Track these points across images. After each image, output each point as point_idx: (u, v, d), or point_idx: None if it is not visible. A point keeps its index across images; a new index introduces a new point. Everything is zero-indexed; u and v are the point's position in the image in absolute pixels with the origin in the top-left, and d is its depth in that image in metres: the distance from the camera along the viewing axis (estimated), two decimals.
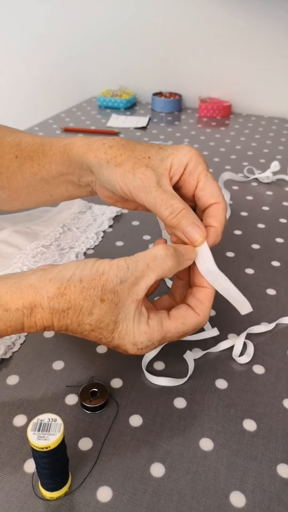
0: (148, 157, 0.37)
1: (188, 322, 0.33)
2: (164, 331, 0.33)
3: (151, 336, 0.32)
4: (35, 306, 0.31)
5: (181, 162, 0.37)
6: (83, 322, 0.31)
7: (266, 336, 0.43)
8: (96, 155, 0.39)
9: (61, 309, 0.31)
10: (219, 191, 0.37)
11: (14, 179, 0.47)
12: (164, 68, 1.21)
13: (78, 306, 0.31)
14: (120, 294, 0.31)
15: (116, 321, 0.31)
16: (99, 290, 0.31)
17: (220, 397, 0.37)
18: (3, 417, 0.34)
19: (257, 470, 0.31)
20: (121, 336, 0.32)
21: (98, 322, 0.31)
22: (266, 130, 1.03)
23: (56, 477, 0.28)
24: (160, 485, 0.30)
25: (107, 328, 0.31)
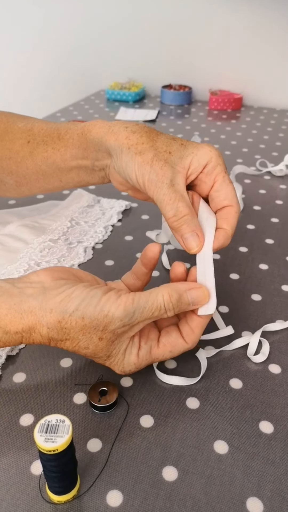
0: (169, 152, 0.36)
1: (176, 350, 0.34)
2: (152, 358, 0.34)
3: (139, 364, 0.34)
4: (34, 331, 0.31)
5: (200, 162, 0.36)
6: (79, 350, 0.32)
7: (282, 334, 0.41)
8: (117, 138, 0.38)
9: (59, 339, 0.31)
10: (234, 194, 0.37)
11: (23, 164, 0.46)
12: (173, 60, 1.19)
13: (76, 339, 0.31)
14: (119, 334, 0.32)
15: (109, 355, 0.33)
16: (99, 330, 0.31)
17: (234, 397, 0.35)
18: (9, 416, 0.33)
19: (275, 475, 0.30)
20: (112, 364, 0.33)
21: (93, 354, 0.32)
22: (279, 123, 1.00)
23: (64, 480, 0.27)
24: (172, 489, 0.29)
25: (100, 358, 0.33)
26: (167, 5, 1.12)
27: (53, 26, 1.27)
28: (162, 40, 1.17)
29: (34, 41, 1.32)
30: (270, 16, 1.04)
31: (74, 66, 1.31)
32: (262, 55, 1.09)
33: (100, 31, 1.22)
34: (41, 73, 1.36)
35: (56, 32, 1.28)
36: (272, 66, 1.10)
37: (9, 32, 1.34)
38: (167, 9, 1.12)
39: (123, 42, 1.22)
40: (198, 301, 0.33)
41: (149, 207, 0.63)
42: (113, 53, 1.24)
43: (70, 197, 0.63)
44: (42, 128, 0.45)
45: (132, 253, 0.53)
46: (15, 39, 1.34)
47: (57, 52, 1.31)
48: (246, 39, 1.09)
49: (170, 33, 1.15)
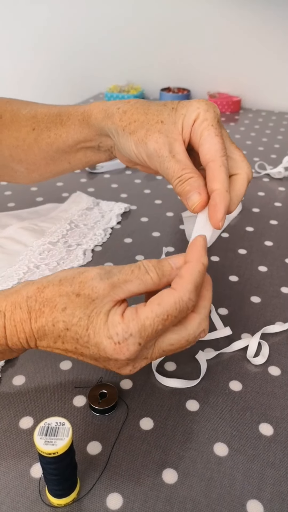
0: (161, 121, 0.35)
1: (165, 301, 0.28)
2: (142, 318, 0.27)
3: (127, 326, 0.27)
4: (15, 307, 0.30)
5: (188, 122, 0.34)
6: (57, 320, 0.28)
7: (281, 336, 0.41)
8: (113, 121, 0.38)
9: (37, 308, 0.29)
10: (219, 147, 0.33)
11: (31, 152, 0.47)
12: (172, 63, 1.19)
13: (53, 303, 0.29)
14: (98, 290, 0.29)
15: (89, 316, 0.28)
16: (76, 286, 0.29)
17: (234, 399, 0.35)
18: (9, 419, 0.33)
19: (275, 477, 0.30)
20: (96, 331, 0.28)
21: (71, 317, 0.28)
22: (277, 125, 1.01)
23: (64, 483, 0.27)
24: (172, 492, 0.29)
25: (80, 323, 0.28)
26: (166, 9, 1.12)
27: (52, 30, 1.28)
28: (160, 43, 1.18)
29: (33, 45, 1.32)
30: (268, 20, 1.05)
31: (73, 69, 1.32)
32: (261, 57, 1.10)
33: (99, 34, 1.23)
34: (41, 76, 1.37)
35: (55, 36, 1.28)
36: (270, 68, 1.11)
37: (8, 37, 1.34)
38: (166, 13, 1.13)
39: (122, 45, 1.22)
40: (180, 264, 0.30)
41: (148, 209, 0.63)
42: (112, 56, 1.25)
43: (69, 199, 0.63)
44: (45, 113, 0.46)
45: (131, 255, 0.53)
46: (15, 43, 1.35)
47: (56, 55, 1.31)
48: (245, 42, 1.09)
49: (169, 36, 1.16)
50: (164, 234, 0.57)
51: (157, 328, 0.28)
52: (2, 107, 0.48)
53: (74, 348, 0.29)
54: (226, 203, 0.32)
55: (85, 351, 0.29)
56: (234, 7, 1.06)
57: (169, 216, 0.62)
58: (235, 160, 0.35)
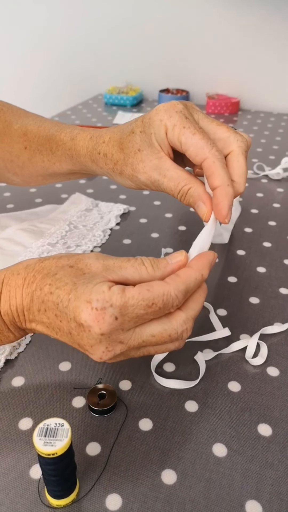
0: (138, 150, 0.35)
1: (154, 289, 0.27)
2: (126, 296, 0.27)
3: (110, 297, 0.26)
4: (13, 273, 0.31)
5: (162, 137, 0.34)
6: (45, 283, 0.29)
7: (280, 337, 0.41)
8: (100, 167, 0.40)
9: (32, 275, 0.30)
10: (202, 143, 0.32)
11: (26, 168, 0.48)
12: (171, 65, 1.19)
13: (47, 271, 0.30)
14: (91, 267, 0.29)
15: (75, 283, 0.28)
16: (72, 260, 0.30)
17: (233, 400, 0.35)
18: (8, 420, 0.33)
19: (273, 478, 0.30)
20: (77, 295, 0.27)
21: (58, 282, 0.28)
22: (275, 126, 1.01)
23: (64, 484, 0.27)
24: (171, 492, 0.29)
25: (64, 287, 0.28)
26: (166, 10, 1.12)
27: (52, 31, 1.28)
28: (159, 45, 1.18)
29: (33, 45, 1.33)
30: (267, 21, 1.05)
31: (72, 70, 1.32)
32: (259, 59, 1.10)
33: (98, 35, 1.23)
34: (40, 77, 1.37)
35: (55, 37, 1.28)
36: (269, 69, 1.11)
37: (8, 37, 1.34)
38: (165, 14, 1.13)
39: (120, 47, 1.22)
40: (176, 259, 0.30)
41: (147, 210, 0.63)
42: (111, 57, 1.25)
43: (68, 201, 0.63)
44: (34, 134, 0.46)
45: (130, 256, 0.53)
46: (14, 43, 1.35)
47: (56, 56, 1.31)
48: (244, 43, 1.10)
49: (168, 38, 1.16)
50: (163, 235, 0.57)
51: (138, 312, 0.27)
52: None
53: (54, 316, 0.28)
54: (229, 197, 0.32)
55: (63, 319, 0.28)
56: (233, 9, 1.06)
57: (168, 217, 0.62)
58: (222, 139, 0.34)
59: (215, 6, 1.07)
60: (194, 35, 1.13)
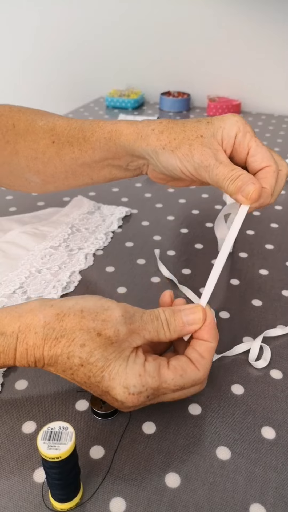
0: (200, 136, 0.38)
1: (187, 376, 0.30)
2: (161, 380, 0.29)
3: (146, 381, 0.29)
4: (30, 330, 0.30)
5: (230, 135, 0.37)
6: (73, 354, 0.29)
7: (283, 340, 0.41)
8: (148, 143, 0.40)
9: (54, 337, 0.29)
10: (269, 154, 0.37)
11: (51, 164, 0.46)
12: (172, 67, 1.20)
13: (72, 335, 0.29)
14: (119, 334, 0.30)
15: (108, 358, 0.29)
16: (99, 323, 0.29)
17: (236, 403, 0.35)
18: (11, 423, 0.33)
19: (277, 481, 0.30)
20: (111, 376, 0.29)
21: (89, 356, 0.29)
22: (277, 129, 1.01)
23: (67, 487, 0.27)
24: (175, 496, 0.29)
25: (96, 364, 0.29)
26: (166, 13, 1.13)
27: (52, 35, 1.28)
28: (160, 48, 1.18)
29: (33, 49, 1.33)
30: (268, 24, 1.05)
31: (73, 73, 1.32)
32: (260, 61, 1.10)
33: (99, 39, 1.23)
34: (41, 81, 1.37)
35: (55, 40, 1.29)
36: (270, 72, 1.11)
37: (8, 40, 1.35)
38: (166, 17, 1.13)
39: (122, 50, 1.23)
40: (193, 321, 0.32)
41: (149, 213, 0.64)
42: (112, 61, 1.25)
43: (70, 204, 0.63)
44: (64, 127, 0.45)
45: (132, 259, 0.53)
46: (14, 46, 1.35)
47: (56, 60, 1.32)
48: (244, 46, 1.10)
49: (169, 41, 1.16)
50: (165, 238, 0.58)
51: (167, 392, 0.30)
52: (15, 116, 0.48)
53: (83, 382, 0.30)
54: (266, 201, 0.37)
55: (94, 388, 0.30)
56: (234, 11, 1.06)
57: (170, 220, 0.62)
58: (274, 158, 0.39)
59: (216, 9, 1.08)
60: (195, 38, 1.13)
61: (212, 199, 0.68)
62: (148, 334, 0.31)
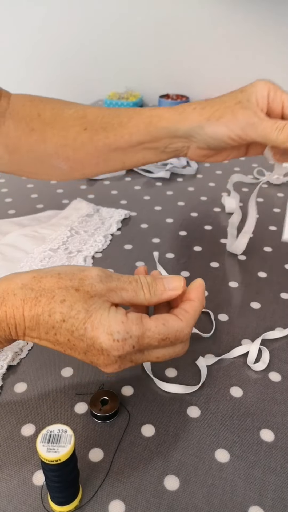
0: (239, 102, 0.42)
1: (170, 325, 0.30)
2: (144, 328, 0.29)
3: (129, 327, 0.28)
4: (8, 293, 0.30)
5: (263, 95, 0.42)
6: (54, 311, 0.29)
7: (281, 342, 0.41)
8: (192, 120, 0.43)
9: (33, 296, 0.29)
10: None
11: (82, 150, 0.47)
12: (171, 70, 1.20)
13: (51, 294, 0.29)
14: (97, 289, 0.30)
15: (88, 310, 0.29)
16: (76, 282, 0.30)
17: (235, 405, 0.35)
18: (11, 426, 0.33)
19: (276, 484, 0.30)
20: (94, 326, 0.28)
21: (69, 309, 0.29)
22: None
23: (67, 490, 0.27)
24: (174, 499, 0.29)
25: (78, 316, 0.28)
26: (165, 16, 1.13)
27: (51, 37, 1.29)
28: (159, 51, 1.19)
29: (32, 52, 1.33)
30: (266, 27, 1.06)
31: (72, 76, 1.33)
32: (259, 63, 1.11)
33: (98, 41, 1.24)
34: (40, 83, 1.37)
35: (54, 43, 1.29)
36: (269, 74, 1.11)
37: (7, 43, 1.35)
38: (164, 20, 1.14)
39: (120, 53, 1.23)
40: (174, 286, 0.32)
41: (148, 216, 0.64)
42: (111, 64, 1.26)
43: (69, 206, 0.64)
44: (97, 115, 0.47)
45: (131, 262, 0.53)
46: (13, 49, 1.36)
47: (55, 62, 1.32)
48: (243, 49, 1.10)
49: (168, 44, 1.17)
50: (163, 240, 0.58)
51: (152, 343, 0.30)
52: (39, 105, 0.48)
53: (66, 340, 0.29)
54: None
55: (78, 343, 0.29)
56: (232, 14, 1.07)
57: (168, 222, 0.62)
58: None
59: (215, 12, 1.08)
60: (193, 41, 1.14)
61: (211, 201, 0.68)
62: (126, 294, 0.31)
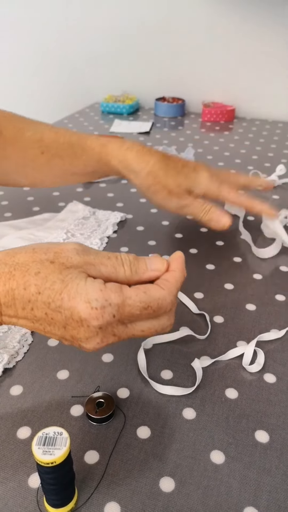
0: (178, 186, 0.48)
1: (151, 293, 0.29)
2: (124, 296, 0.28)
3: (108, 295, 0.27)
4: None
5: (205, 188, 0.49)
6: (29, 283, 0.28)
7: (276, 344, 0.42)
8: (137, 179, 0.48)
9: (7, 271, 0.28)
10: None
11: (40, 172, 0.50)
12: (167, 73, 1.21)
13: (25, 267, 0.28)
14: (73, 261, 0.29)
15: (64, 280, 0.28)
16: (51, 255, 0.29)
17: (230, 407, 0.35)
18: (6, 429, 0.33)
19: (271, 484, 0.30)
20: (71, 296, 0.27)
21: (44, 281, 0.27)
22: (271, 134, 1.02)
23: (62, 492, 0.27)
24: (170, 500, 0.29)
25: (53, 287, 0.27)
26: (160, 20, 1.14)
27: (47, 41, 1.29)
28: (155, 54, 1.19)
29: (29, 56, 1.34)
30: (262, 30, 1.06)
31: (69, 79, 1.33)
32: (255, 67, 1.11)
33: (94, 45, 1.24)
34: (37, 86, 1.38)
35: (50, 47, 1.30)
36: (264, 78, 1.12)
37: (6, 47, 1.36)
38: (160, 23, 1.14)
39: (117, 56, 1.24)
40: (156, 267, 0.31)
41: (144, 218, 0.64)
42: (108, 67, 1.26)
43: (66, 209, 0.64)
44: (52, 140, 0.49)
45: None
46: (10, 55, 1.36)
47: (52, 66, 1.33)
48: (239, 52, 1.11)
49: (164, 47, 1.17)
50: (159, 242, 0.58)
51: (134, 312, 0.28)
52: (2, 122, 0.49)
53: (44, 314, 0.28)
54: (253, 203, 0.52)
55: (56, 316, 0.28)
56: (229, 19, 1.08)
57: (164, 225, 0.62)
58: None
59: (211, 16, 1.09)
60: (190, 44, 1.14)
61: None
62: (105, 269, 0.30)
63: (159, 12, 1.13)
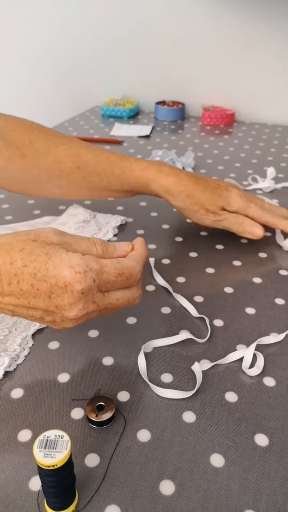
0: (214, 204, 0.54)
1: (123, 262, 0.34)
2: (101, 263, 0.32)
3: (88, 261, 0.31)
4: None
5: (234, 207, 0.55)
6: (15, 258, 0.30)
7: (276, 347, 0.42)
8: (176, 201, 0.55)
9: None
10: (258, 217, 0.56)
11: (75, 184, 0.53)
12: (167, 77, 1.21)
13: (10, 245, 0.31)
14: (53, 240, 0.32)
15: (47, 253, 0.31)
16: (32, 235, 0.32)
17: (230, 410, 0.35)
18: (7, 432, 0.33)
19: (270, 488, 0.30)
20: (55, 264, 0.30)
21: (30, 254, 0.30)
22: (270, 138, 1.02)
23: (63, 495, 0.27)
24: (170, 503, 0.29)
25: (38, 259, 0.30)
26: (161, 24, 1.15)
27: (48, 45, 1.30)
28: (156, 57, 1.20)
29: (30, 60, 1.34)
30: (261, 34, 1.07)
31: (69, 83, 1.34)
32: (254, 71, 1.12)
33: (94, 48, 1.25)
34: (37, 90, 1.38)
35: (51, 51, 1.30)
36: (263, 82, 1.13)
37: (6, 50, 1.36)
38: (161, 27, 1.15)
39: (117, 60, 1.24)
40: (123, 247, 0.36)
41: (144, 222, 0.64)
42: (108, 70, 1.27)
43: (66, 212, 0.64)
44: (89, 157, 0.52)
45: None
46: (11, 58, 1.37)
47: (52, 70, 1.33)
48: (238, 56, 1.12)
49: (164, 51, 1.18)
50: (160, 246, 0.58)
51: (110, 279, 0.32)
52: (32, 133, 0.52)
53: (30, 286, 0.30)
54: None
55: (42, 286, 0.30)
56: (229, 21, 1.08)
57: (164, 229, 0.63)
58: None
59: (211, 20, 1.10)
60: (190, 48, 1.15)
61: None
62: (80, 248, 0.33)
63: (160, 16, 1.14)
